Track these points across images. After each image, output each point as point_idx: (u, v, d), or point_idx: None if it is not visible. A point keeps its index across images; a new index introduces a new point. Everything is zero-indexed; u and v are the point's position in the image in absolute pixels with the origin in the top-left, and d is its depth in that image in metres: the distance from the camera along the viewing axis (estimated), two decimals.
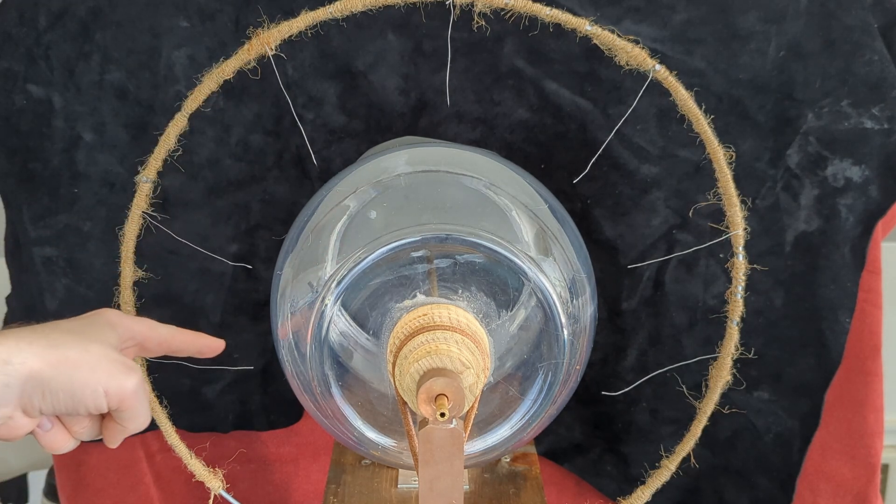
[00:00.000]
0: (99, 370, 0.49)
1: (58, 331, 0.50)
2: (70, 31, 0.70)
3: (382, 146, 0.74)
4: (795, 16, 0.69)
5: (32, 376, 0.47)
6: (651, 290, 0.76)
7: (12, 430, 0.49)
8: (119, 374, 0.50)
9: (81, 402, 0.49)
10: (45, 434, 0.52)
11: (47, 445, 0.52)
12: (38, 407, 0.48)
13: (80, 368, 0.48)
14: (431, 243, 0.54)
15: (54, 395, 0.48)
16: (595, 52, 0.61)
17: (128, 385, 0.50)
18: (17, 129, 0.72)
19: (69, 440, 0.53)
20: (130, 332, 0.56)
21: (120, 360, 0.51)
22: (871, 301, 0.76)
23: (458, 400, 0.50)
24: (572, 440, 0.83)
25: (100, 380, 0.49)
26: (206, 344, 0.61)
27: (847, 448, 0.80)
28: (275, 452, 0.85)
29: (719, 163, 0.61)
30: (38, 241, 0.74)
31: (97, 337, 0.51)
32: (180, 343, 0.60)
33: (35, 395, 0.47)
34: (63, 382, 0.48)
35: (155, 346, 0.58)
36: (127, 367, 0.51)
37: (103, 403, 0.49)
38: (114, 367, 0.50)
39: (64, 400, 0.48)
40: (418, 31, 0.70)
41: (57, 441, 0.52)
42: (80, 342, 0.49)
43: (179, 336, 0.59)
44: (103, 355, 0.50)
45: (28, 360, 0.47)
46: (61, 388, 0.48)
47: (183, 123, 0.61)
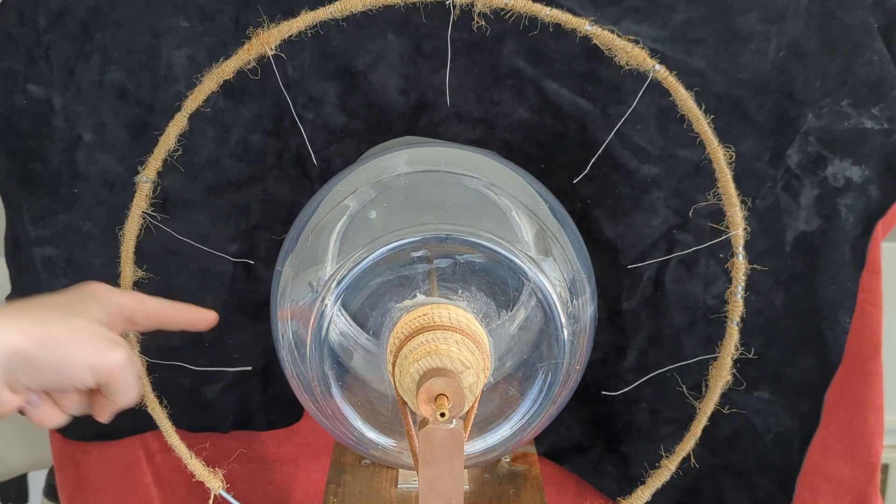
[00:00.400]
0: (84, 346, 0.49)
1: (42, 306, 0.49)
2: (70, 31, 0.70)
3: (382, 146, 0.74)
4: (795, 16, 0.69)
5: (17, 353, 0.46)
6: (651, 290, 0.76)
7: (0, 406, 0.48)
8: (105, 350, 0.49)
9: (67, 378, 0.48)
10: (34, 410, 0.51)
11: (37, 421, 0.52)
12: (23, 383, 0.48)
13: (64, 344, 0.48)
14: (431, 243, 0.54)
15: (39, 372, 0.47)
16: (595, 52, 0.61)
17: (114, 360, 0.49)
18: (17, 129, 0.72)
19: (59, 415, 0.52)
20: (118, 307, 0.55)
21: (106, 335, 0.50)
22: (871, 301, 0.76)
23: (458, 400, 0.50)
24: (572, 440, 0.83)
25: (85, 355, 0.48)
26: (198, 316, 0.60)
27: (847, 448, 0.80)
28: (275, 452, 0.85)
29: (719, 163, 0.61)
30: (38, 241, 0.74)
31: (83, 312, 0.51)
32: (171, 316, 0.59)
33: (20, 372, 0.47)
34: (48, 358, 0.47)
35: (145, 320, 0.57)
36: (113, 341, 0.50)
37: (90, 379, 0.49)
38: (99, 343, 0.49)
39: (49, 376, 0.48)
40: (418, 31, 0.70)
41: (46, 416, 0.52)
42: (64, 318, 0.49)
43: (170, 309, 0.58)
44: (89, 330, 0.49)
45: (12, 337, 0.46)
46: (46, 364, 0.47)
47: (183, 123, 0.61)
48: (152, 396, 0.64)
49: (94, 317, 0.52)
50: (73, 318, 0.49)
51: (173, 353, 0.77)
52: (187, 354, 0.77)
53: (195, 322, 0.60)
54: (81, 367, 0.48)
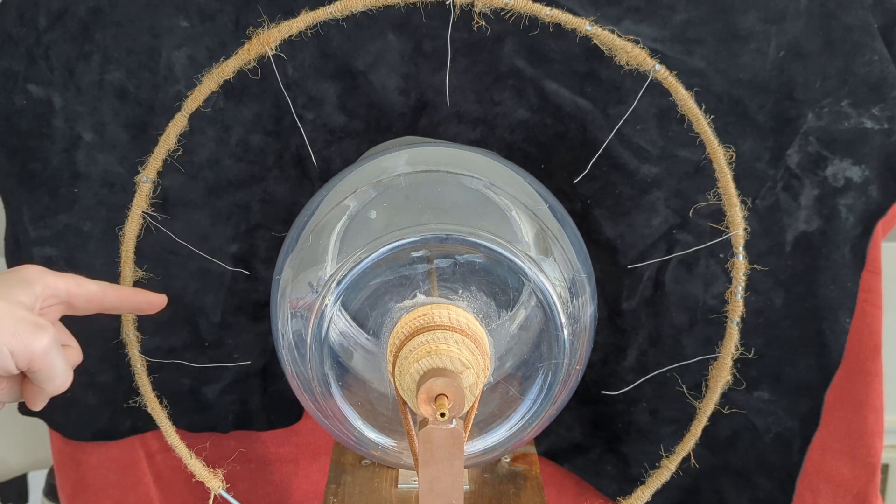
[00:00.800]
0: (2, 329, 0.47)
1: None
2: (70, 31, 0.70)
3: (382, 146, 0.74)
4: (795, 16, 0.69)
5: None
6: (651, 290, 0.76)
7: None
8: (24, 334, 0.47)
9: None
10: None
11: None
12: None
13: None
14: (431, 243, 0.54)
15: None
16: (595, 52, 0.61)
17: (35, 345, 0.48)
18: (17, 129, 0.72)
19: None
20: (53, 290, 0.53)
21: (28, 318, 0.48)
22: (871, 301, 0.76)
23: (458, 400, 0.50)
24: (572, 440, 0.83)
25: (3, 339, 0.47)
26: (146, 300, 0.58)
27: (847, 448, 0.80)
28: (275, 452, 0.85)
29: (719, 163, 0.61)
30: (38, 241, 0.74)
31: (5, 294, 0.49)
32: (114, 300, 0.56)
33: None
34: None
35: (83, 304, 0.55)
36: (36, 325, 0.48)
37: (10, 364, 0.48)
38: (19, 327, 0.48)
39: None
40: (418, 31, 0.70)
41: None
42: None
43: (112, 293, 0.56)
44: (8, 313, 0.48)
45: None
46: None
47: (183, 123, 0.61)
48: (152, 396, 0.64)
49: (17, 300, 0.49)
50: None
51: (174, 352, 0.77)
52: (187, 354, 0.77)
53: (142, 306, 0.58)
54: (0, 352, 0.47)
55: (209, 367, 0.78)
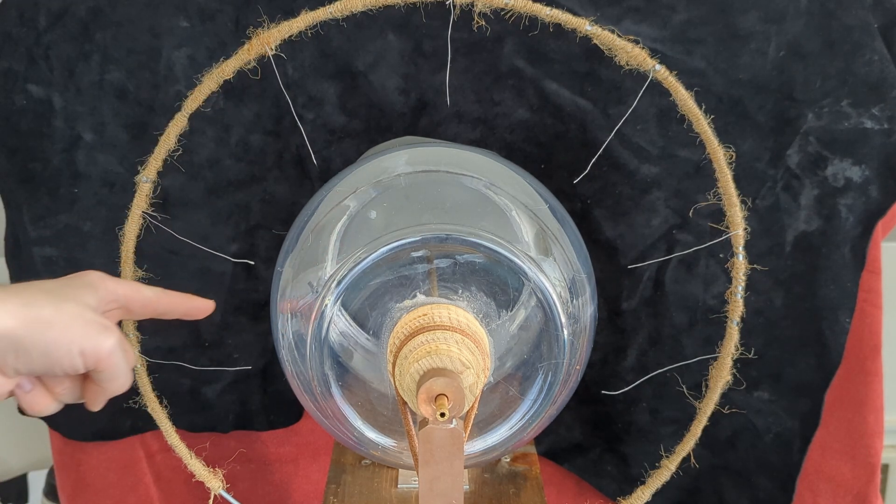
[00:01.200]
0: (72, 330, 0.48)
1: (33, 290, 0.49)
2: (70, 31, 0.70)
3: (382, 146, 0.74)
4: (795, 16, 0.69)
5: (5, 335, 0.46)
6: (651, 290, 0.76)
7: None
8: (94, 334, 0.49)
9: (56, 362, 0.48)
10: (25, 395, 0.51)
11: (29, 407, 0.52)
12: (12, 366, 0.47)
13: (53, 327, 0.47)
14: (431, 243, 0.54)
15: (27, 355, 0.47)
16: (595, 52, 0.61)
17: (104, 345, 0.49)
18: (17, 129, 0.72)
19: (51, 402, 0.52)
20: (113, 295, 0.54)
21: (96, 320, 0.50)
22: (871, 301, 0.76)
23: (458, 400, 0.50)
24: (572, 440, 0.83)
25: (73, 339, 0.48)
26: (195, 305, 0.60)
27: (847, 448, 0.80)
28: (275, 452, 0.85)
29: (719, 163, 0.61)
30: (38, 241, 0.74)
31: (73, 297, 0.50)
32: (167, 305, 0.58)
33: (8, 354, 0.47)
34: (36, 342, 0.47)
35: (140, 309, 0.57)
36: (103, 326, 0.50)
37: (79, 363, 0.49)
38: (89, 328, 0.49)
39: (38, 359, 0.48)
40: (418, 31, 0.70)
41: (38, 403, 0.52)
42: (54, 302, 0.48)
43: (166, 298, 0.58)
44: (78, 315, 0.49)
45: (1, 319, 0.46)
46: (34, 347, 0.47)
47: (183, 123, 0.61)
48: (152, 396, 0.64)
49: (85, 302, 0.51)
50: (63, 302, 0.49)
51: (173, 353, 0.77)
52: (187, 354, 0.77)
53: (192, 311, 0.60)
54: (71, 352, 0.48)
55: (209, 369, 0.78)
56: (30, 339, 0.47)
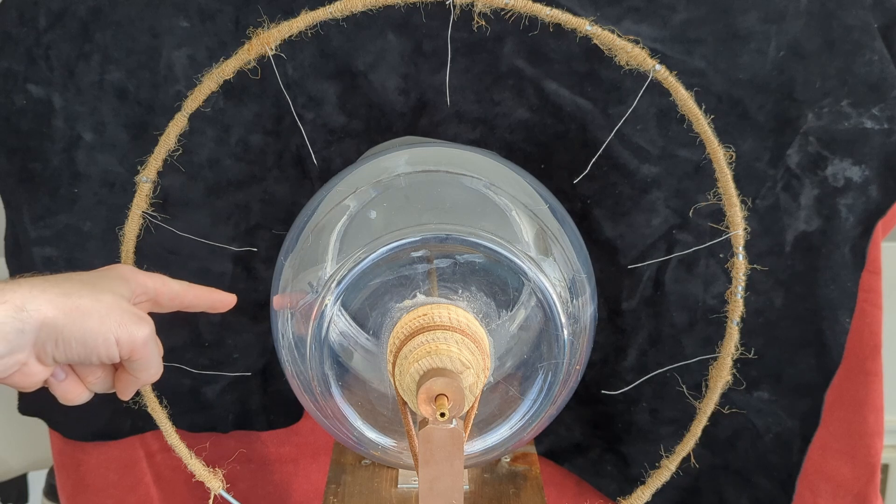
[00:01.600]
0: (110, 319, 0.50)
1: (71, 281, 0.50)
2: (70, 31, 0.70)
3: (382, 146, 0.74)
4: (795, 16, 0.69)
5: (46, 323, 0.47)
6: (651, 290, 0.76)
7: (27, 376, 0.50)
8: (130, 324, 0.50)
9: (94, 351, 0.49)
10: (59, 384, 0.52)
11: (62, 396, 0.53)
12: (51, 354, 0.49)
13: (91, 317, 0.49)
14: (431, 243, 0.54)
15: (67, 343, 0.49)
16: (595, 52, 0.61)
17: (139, 334, 0.51)
18: (17, 129, 0.72)
19: (83, 391, 0.54)
20: (143, 287, 0.56)
21: (131, 310, 0.51)
22: (871, 301, 0.76)
23: (458, 400, 0.50)
24: (572, 440, 0.83)
25: (111, 328, 0.49)
26: (219, 299, 0.61)
27: (847, 448, 0.80)
28: (275, 452, 0.85)
29: (719, 163, 0.61)
30: (38, 241, 0.74)
31: (109, 288, 0.52)
32: (193, 298, 0.60)
33: (48, 343, 0.48)
34: (75, 330, 0.48)
35: (168, 302, 0.59)
36: (138, 317, 0.51)
37: (115, 352, 0.50)
38: (125, 317, 0.50)
39: (76, 348, 0.49)
40: (418, 31, 0.70)
41: (71, 391, 0.53)
42: (92, 292, 0.50)
43: (192, 291, 0.60)
44: (115, 305, 0.50)
45: (42, 308, 0.47)
46: (74, 336, 0.48)
47: (183, 123, 0.61)
48: (152, 396, 0.64)
49: (120, 293, 0.52)
50: (100, 293, 0.50)
51: (174, 352, 0.77)
52: (188, 354, 0.77)
53: (216, 304, 0.61)
54: (107, 340, 0.49)
55: (209, 373, 0.78)
56: (69, 327, 0.48)
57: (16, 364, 0.48)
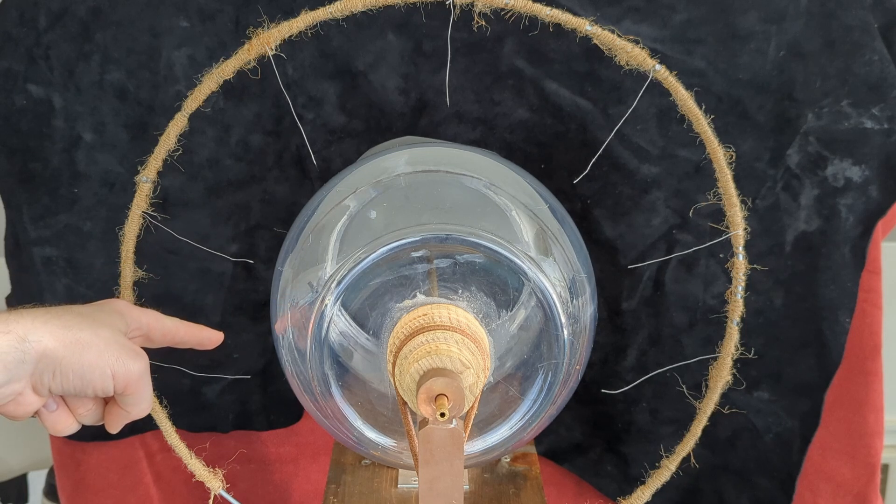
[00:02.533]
0: (108, 353, 0.50)
1: (71, 314, 0.51)
2: (70, 31, 0.70)
3: (382, 146, 0.74)
4: (795, 16, 0.69)
5: (46, 354, 0.48)
6: (651, 290, 0.76)
7: (20, 406, 0.50)
8: (127, 359, 0.51)
9: (90, 384, 0.50)
10: (49, 414, 0.53)
11: (50, 426, 0.53)
12: (48, 385, 0.49)
13: (90, 350, 0.50)
14: (431, 243, 0.54)
15: (64, 375, 0.49)
16: (595, 52, 0.61)
17: (134, 369, 0.51)
18: (17, 129, 0.72)
19: (72, 423, 0.54)
20: (137, 322, 0.57)
21: (128, 345, 0.52)
22: (871, 301, 0.76)
23: (458, 400, 0.50)
24: (572, 440, 0.83)
25: (108, 362, 0.50)
26: (207, 336, 0.62)
27: (847, 448, 0.80)
28: (275, 452, 0.85)
29: (719, 163, 0.61)
30: (38, 241, 0.74)
31: (107, 322, 0.53)
32: (184, 335, 0.61)
33: (46, 374, 0.49)
34: (74, 363, 0.49)
35: (160, 337, 0.59)
36: (135, 352, 0.52)
37: (110, 385, 0.51)
38: (122, 352, 0.51)
39: (73, 380, 0.49)
40: (418, 31, 0.70)
41: (60, 422, 0.53)
42: (91, 325, 0.50)
43: (183, 329, 0.61)
44: (113, 339, 0.51)
45: (43, 339, 0.48)
46: (72, 368, 0.49)
47: (183, 123, 0.61)
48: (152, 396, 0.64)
49: (117, 327, 0.53)
50: (99, 327, 0.51)
51: (174, 352, 0.76)
52: (187, 354, 0.77)
53: (204, 342, 0.62)
54: (104, 374, 0.50)
55: (209, 376, 0.78)
56: (68, 359, 0.49)
57: (12, 394, 0.49)
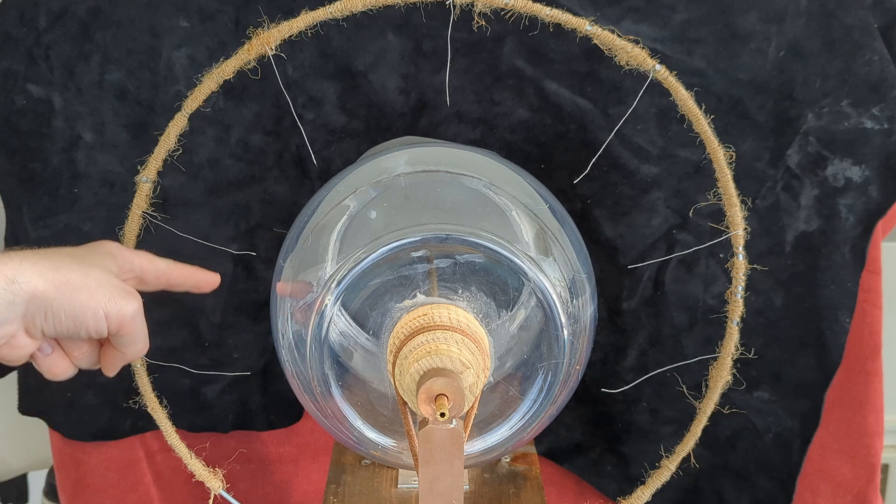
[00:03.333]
0: (99, 293, 0.50)
1: (60, 255, 0.51)
2: (70, 31, 0.70)
3: (382, 146, 0.74)
4: (795, 16, 0.69)
5: (36, 296, 0.48)
6: (651, 290, 0.76)
7: (14, 349, 0.50)
8: (119, 299, 0.51)
9: (83, 324, 0.50)
10: (45, 358, 0.53)
11: (47, 371, 0.53)
12: (40, 327, 0.49)
13: (81, 290, 0.49)
14: (431, 243, 0.54)
15: (56, 316, 0.49)
16: (595, 52, 0.61)
17: (127, 309, 0.51)
18: (17, 129, 0.72)
19: (69, 366, 0.54)
20: (130, 264, 0.57)
21: (120, 285, 0.52)
22: (871, 301, 0.76)
23: (458, 400, 0.50)
24: (572, 440, 0.83)
25: (100, 303, 0.50)
26: (203, 278, 0.62)
27: (847, 448, 0.80)
28: (275, 452, 0.85)
29: (719, 163, 0.61)
30: (38, 241, 0.74)
31: (98, 263, 0.52)
32: (178, 277, 0.60)
33: (38, 315, 0.48)
34: (65, 304, 0.49)
35: (153, 279, 0.59)
36: (127, 292, 0.52)
37: (103, 326, 0.50)
38: (114, 292, 0.51)
39: (65, 321, 0.49)
40: (418, 31, 0.70)
41: (56, 366, 0.53)
42: (81, 266, 0.50)
43: (177, 270, 0.60)
44: (104, 280, 0.51)
45: (32, 280, 0.47)
46: (63, 309, 0.49)
47: (183, 123, 0.61)
48: (152, 396, 0.64)
49: (108, 268, 0.53)
50: (89, 267, 0.51)
51: (173, 353, 0.77)
52: (187, 354, 0.77)
53: (200, 283, 0.62)
54: (97, 314, 0.50)
55: (209, 373, 0.78)
56: (59, 301, 0.48)
57: (4, 336, 0.48)
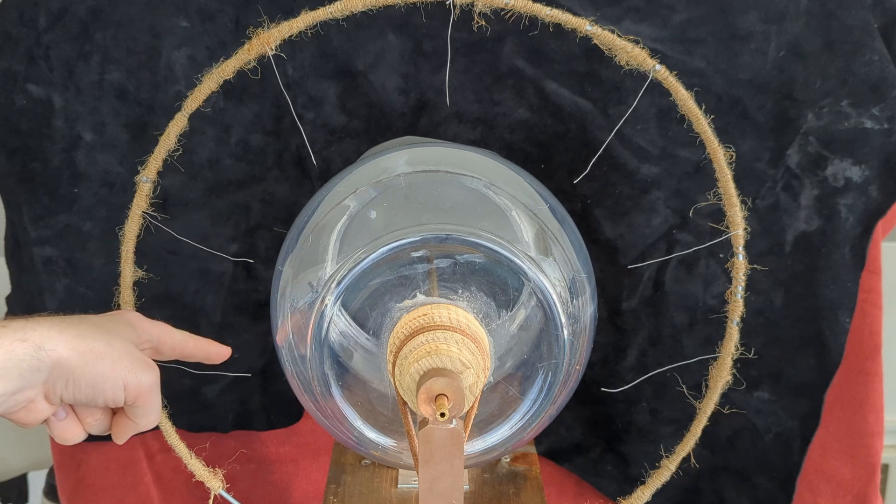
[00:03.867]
0: (120, 364, 0.50)
1: (85, 323, 0.51)
2: (70, 31, 0.70)
3: (382, 146, 0.74)
4: (795, 16, 0.69)
5: (60, 363, 0.48)
6: (651, 290, 0.76)
7: (31, 413, 0.50)
8: (139, 370, 0.51)
9: (101, 393, 0.50)
10: (58, 423, 0.53)
11: (59, 435, 0.53)
12: (59, 394, 0.49)
13: (104, 360, 0.50)
14: (431, 243, 0.54)
15: (77, 384, 0.49)
16: (595, 52, 0.61)
17: (146, 381, 0.52)
18: (17, 129, 0.72)
19: (80, 432, 0.54)
20: (148, 335, 0.57)
21: (140, 356, 0.52)
22: (871, 301, 0.76)
23: (458, 400, 0.50)
24: (572, 440, 0.83)
25: (120, 373, 0.50)
26: (215, 351, 0.63)
27: (847, 448, 0.80)
28: (275, 452, 0.85)
29: (719, 163, 0.61)
30: (38, 241, 0.74)
31: (120, 333, 0.53)
32: (192, 349, 0.61)
33: (59, 382, 0.49)
34: (87, 372, 0.49)
35: (169, 350, 0.60)
36: (146, 363, 0.52)
37: (121, 396, 0.51)
38: (134, 363, 0.51)
39: (85, 389, 0.50)
40: (418, 31, 0.70)
41: (68, 431, 0.53)
42: (105, 336, 0.51)
43: (192, 342, 0.61)
44: (125, 350, 0.51)
45: (59, 348, 0.48)
46: (84, 377, 0.49)
47: (183, 123, 0.61)
48: None
49: (129, 339, 0.54)
50: (113, 337, 0.51)
51: None
52: None
53: (212, 356, 0.63)
54: (116, 384, 0.50)
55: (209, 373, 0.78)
56: (81, 369, 0.49)
57: (25, 401, 0.49)
